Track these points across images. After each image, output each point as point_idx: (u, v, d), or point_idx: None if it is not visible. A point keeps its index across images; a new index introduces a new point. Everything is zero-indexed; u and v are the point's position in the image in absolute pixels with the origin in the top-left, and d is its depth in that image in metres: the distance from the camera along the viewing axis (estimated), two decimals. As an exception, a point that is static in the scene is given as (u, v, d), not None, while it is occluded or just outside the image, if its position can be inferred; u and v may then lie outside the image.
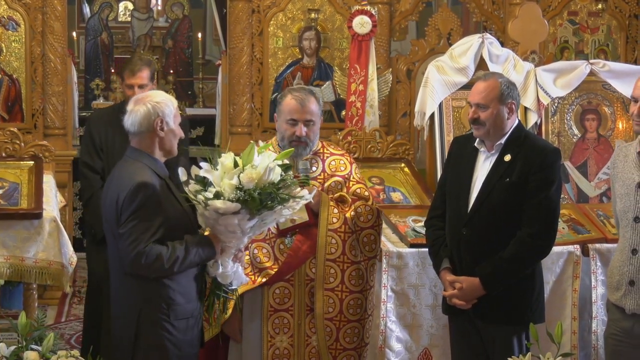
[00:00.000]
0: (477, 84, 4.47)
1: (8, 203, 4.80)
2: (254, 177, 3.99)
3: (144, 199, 4.01)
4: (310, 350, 4.69)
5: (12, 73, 7.06)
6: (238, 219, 4.04)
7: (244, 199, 3.99)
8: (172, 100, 4.25)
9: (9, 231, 4.65)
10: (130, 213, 4.01)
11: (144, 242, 3.96)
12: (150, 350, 4.07)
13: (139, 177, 4.07)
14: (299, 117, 4.63)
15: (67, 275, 4.70)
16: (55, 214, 4.75)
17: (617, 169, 4.33)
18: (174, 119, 4.19)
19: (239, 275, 4.23)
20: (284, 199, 4.07)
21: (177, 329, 4.08)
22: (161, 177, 4.14)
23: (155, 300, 4.05)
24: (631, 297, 4.22)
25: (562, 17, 7.49)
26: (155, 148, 4.21)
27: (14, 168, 5.15)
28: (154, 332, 4.06)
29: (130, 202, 4.00)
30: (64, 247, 4.70)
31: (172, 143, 4.21)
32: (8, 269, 4.62)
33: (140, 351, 4.08)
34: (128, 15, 12.61)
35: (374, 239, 4.72)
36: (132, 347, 4.09)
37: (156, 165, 4.17)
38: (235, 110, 7.36)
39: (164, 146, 4.21)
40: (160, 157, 4.22)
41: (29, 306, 4.76)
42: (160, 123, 4.17)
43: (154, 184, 4.06)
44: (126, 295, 4.11)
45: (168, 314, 4.05)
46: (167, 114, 4.18)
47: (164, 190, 4.10)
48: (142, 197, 4.01)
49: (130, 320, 4.07)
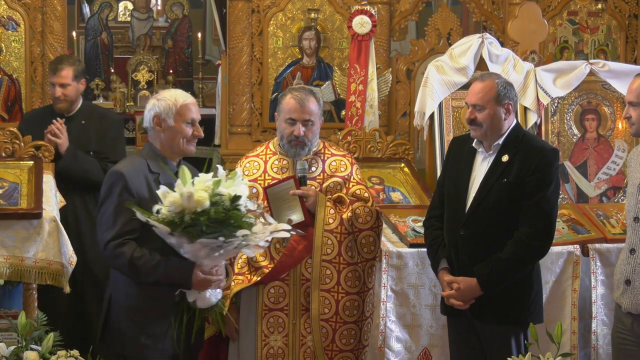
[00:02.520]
0: (474, 84, 4.47)
1: (8, 203, 4.79)
2: (175, 202, 3.88)
3: (112, 187, 4.06)
4: (305, 351, 4.69)
5: (12, 73, 7.05)
6: (177, 241, 3.96)
7: (172, 221, 3.89)
8: (180, 97, 4.23)
9: (8, 231, 4.64)
10: (101, 200, 4.12)
11: (109, 233, 4.02)
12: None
13: (119, 166, 4.14)
14: (297, 117, 4.64)
15: (67, 275, 4.69)
16: (54, 214, 4.74)
17: (630, 167, 4.38)
18: (176, 117, 4.17)
19: (203, 297, 4.12)
20: (231, 230, 3.90)
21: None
22: (153, 172, 4.13)
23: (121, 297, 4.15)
24: (627, 296, 4.25)
25: (562, 17, 7.48)
26: (159, 145, 4.22)
27: (14, 168, 5.14)
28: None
29: (102, 189, 4.12)
30: (64, 247, 4.69)
31: (174, 142, 4.19)
32: (8, 269, 4.62)
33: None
34: (128, 15, 12.61)
35: (372, 240, 4.72)
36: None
37: (154, 160, 4.16)
38: (235, 110, 7.35)
39: (167, 144, 4.21)
40: (170, 155, 4.23)
41: (29, 306, 4.75)
42: (157, 120, 4.17)
43: (128, 175, 4.06)
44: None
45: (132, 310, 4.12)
46: (165, 112, 4.18)
47: (148, 187, 4.07)
48: (110, 184, 4.08)
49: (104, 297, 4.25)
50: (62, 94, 5.77)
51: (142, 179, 4.11)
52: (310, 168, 4.73)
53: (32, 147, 5.32)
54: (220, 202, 3.87)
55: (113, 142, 5.87)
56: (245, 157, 4.89)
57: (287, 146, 4.72)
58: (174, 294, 4.07)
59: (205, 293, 4.10)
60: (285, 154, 4.76)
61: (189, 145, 4.23)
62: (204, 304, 4.12)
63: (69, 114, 5.84)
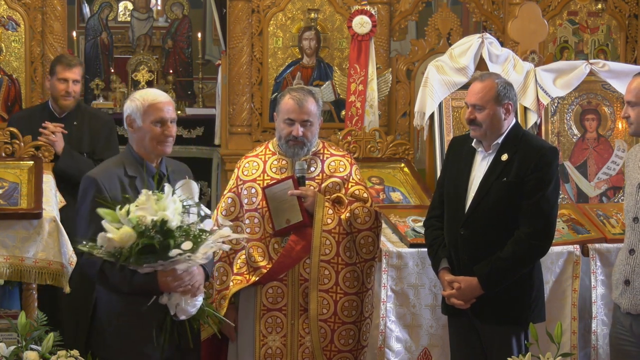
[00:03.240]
0: (474, 84, 4.47)
1: (7, 203, 4.79)
2: (106, 242, 3.83)
3: (85, 193, 4.04)
4: (304, 351, 4.69)
5: (12, 73, 7.05)
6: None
7: (113, 254, 3.85)
8: (149, 97, 4.13)
9: (8, 231, 4.64)
10: (77, 205, 4.10)
11: (84, 239, 3.92)
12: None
13: (93, 171, 4.14)
14: (296, 117, 4.64)
15: (67, 275, 4.69)
16: (54, 214, 4.74)
17: (628, 167, 4.37)
18: (144, 117, 4.08)
19: (182, 309, 4.03)
20: (163, 255, 3.83)
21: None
22: (129, 176, 4.08)
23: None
24: (626, 296, 4.25)
25: (562, 17, 7.48)
26: (135, 146, 4.17)
27: (14, 168, 5.14)
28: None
29: (78, 194, 4.12)
30: (64, 247, 4.69)
31: (146, 143, 4.11)
32: (7, 269, 4.61)
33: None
34: (128, 15, 12.60)
35: (371, 241, 4.71)
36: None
37: (131, 163, 4.11)
38: (235, 110, 7.35)
39: (139, 145, 4.14)
40: (147, 156, 4.15)
41: (29, 306, 4.75)
42: (129, 121, 4.13)
43: (101, 180, 4.02)
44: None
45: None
46: (134, 112, 4.11)
47: (123, 191, 4.00)
48: (83, 189, 4.06)
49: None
50: (73, 90, 5.80)
51: (117, 183, 4.05)
52: (309, 168, 4.73)
53: (32, 147, 5.32)
54: (147, 230, 3.78)
55: (106, 143, 5.87)
56: (245, 157, 4.89)
57: (285, 146, 4.71)
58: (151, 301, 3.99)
59: (181, 304, 4.00)
60: (284, 154, 4.76)
61: (161, 145, 4.12)
62: (184, 314, 4.03)
63: (61, 115, 5.84)
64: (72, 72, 5.80)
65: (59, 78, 5.80)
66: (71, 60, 5.89)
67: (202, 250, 3.87)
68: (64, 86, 5.79)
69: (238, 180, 4.78)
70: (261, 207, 4.68)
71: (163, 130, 4.10)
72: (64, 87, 5.79)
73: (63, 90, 5.81)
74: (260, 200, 4.67)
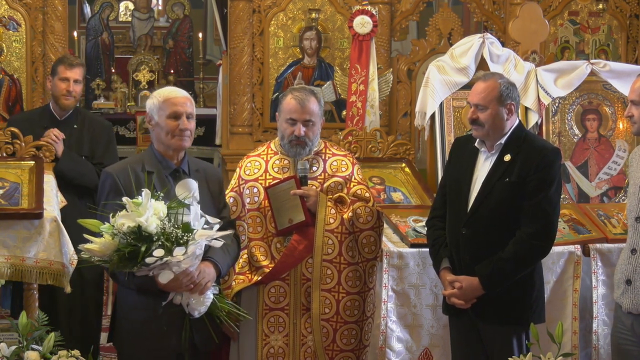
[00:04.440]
0: (477, 84, 4.47)
1: (9, 203, 4.79)
2: (94, 252, 3.95)
3: (102, 187, 4.18)
4: (306, 350, 4.69)
5: (13, 73, 7.05)
6: None
7: (105, 261, 3.97)
8: (165, 93, 4.26)
9: (9, 231, 4.64)
10: (97, 198, 4.24)
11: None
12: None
13: (110, 167, 4.27)
14: (298, 117, 4.64)
15: (68, 275, 4.69)
16: (55, 214, 4.74)
17: (632, 167, 4.38)
18: (160, 113, 4.20)
19: (192, 307, 4.10)
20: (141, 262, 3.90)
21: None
22: (147, 172, 4.15)
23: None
24: (627, 295, 4.25)
25: (563, 17, 7.49)
26: (155, 143, 4.28)
27: (15, 168, 5.14)
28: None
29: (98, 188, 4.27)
30: (65, 247, 4.68)
31: (163, 137, 4.22)
32: (8, 269, 4.61)
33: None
34: (129, 15, 12.62)
35: (373, 240, 4.72)
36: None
37: (150, 159, 4.22)
38: (235, 110, 7.36)
39: (158, 141, 4.25)
40: (166, 152, 4.24)
41: (30, 306, 4.74)
42: (148, 118, 4.25)
43: (116, 174, 4.15)
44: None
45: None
46: (152, 109, 4.25)
47: (138, 184, 4.07)
48: (100, 184, 4.21)
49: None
50: (74, 90, 5.81)
51: (133, 177, 4.12)
52: (311, 168, 4.73)
53: (33, 147, 5.32)
54: (124, 237, 3.85)
55: (105, 148, 5.87)
56: (247, 157, 4.90)
57: (287, 146, 4.72)
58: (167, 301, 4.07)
59: (190, 302, 4.07)
60: (286, 154, 4.77)
61: (177, 139, 4.20)
62: (196, 311, 4.10)
63: (62, 118, 5.84)
64: (74, 72, 5.81)
65: (60, 77, 5.80)
66: (73, 60, 5.91)
67: (190, 250, 3.92)
68: (65, 85, 5.79)
69: (240, 180, 4.79)
70: (263, 206, 4.68)
71: (178, 124, 4.19)
72: (65, 86, 5.79)
73: (64, 90, 5.81)
74: (263, 199, 4.68)
